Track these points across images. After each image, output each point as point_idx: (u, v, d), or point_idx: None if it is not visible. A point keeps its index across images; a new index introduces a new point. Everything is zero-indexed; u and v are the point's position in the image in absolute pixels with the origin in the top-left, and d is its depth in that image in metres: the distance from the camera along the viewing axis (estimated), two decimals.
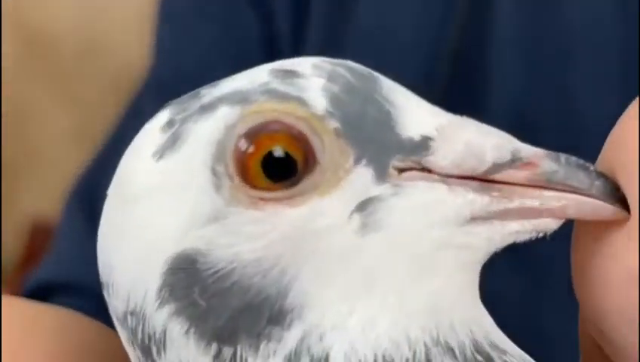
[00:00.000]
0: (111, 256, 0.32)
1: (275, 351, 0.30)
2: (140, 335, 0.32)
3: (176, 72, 0.65)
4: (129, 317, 0.32)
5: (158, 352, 0.32)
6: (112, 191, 0.33)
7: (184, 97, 0.33)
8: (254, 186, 0.31)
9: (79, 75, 1.90)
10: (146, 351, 0.32)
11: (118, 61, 1.84)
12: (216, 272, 0.31)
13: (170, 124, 0.32)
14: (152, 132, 0.32)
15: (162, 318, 0.31)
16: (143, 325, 0.32)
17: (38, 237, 1.57)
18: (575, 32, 0.60)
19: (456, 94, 0.57)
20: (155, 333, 0.31)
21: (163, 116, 0.33)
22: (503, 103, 0.59)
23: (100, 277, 0.33)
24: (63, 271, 0.60)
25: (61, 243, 0.62)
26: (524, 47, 0.61)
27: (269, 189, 0.31)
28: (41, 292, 0.59)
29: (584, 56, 0.60)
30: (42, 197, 1.79)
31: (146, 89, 0.67)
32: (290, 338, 0.30)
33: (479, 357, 0.31)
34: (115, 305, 0.33)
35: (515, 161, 0.31)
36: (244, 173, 0.31)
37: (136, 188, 0.32)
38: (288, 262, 0.31)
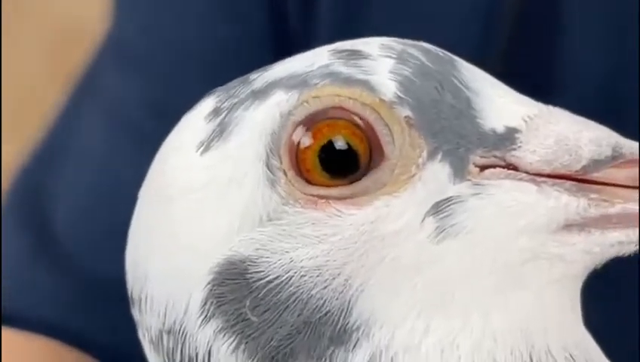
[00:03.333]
0: (145, 265, 0.29)
1: None
2: (178, 357, 0.28)
3: (159, 45, 0.56)
4: (165, 336, 0.28)
5: None
6: (146, 192, 0.30)
7: (230, 84, 0.29)
8: (310, 182, 0.27)
9: (4, 40, 1.55)
10: None
11: (55, 20, 1.55)
12: (269, 282, 0.27)
13: (215, 112, 0.28)
14: (194, 122, 0.29)
15: (207, 335, 0.28)
16: (183, 344, 0.28)
17: None
18: None
19: (517, 66, 0.48)
20: (197, 354, 0.28)
21: (207, 104, 0.29)
22: (576, 75, 0.51)
23: (129, 292, 0.30)
24: (11, 301, 0.51)
25: (5, 265, 0.53)
26: (603, 4, 0.53)
27: (326, 185, 0.27)
28: None
29: None
30: None
31: (108, 55, 0.58)
32: (357, 360, 0.27)
33: None
34: (148, 322, 0.29)
35: (616, 158, 0.27)
36: (299, 166, 0.27)
37: (177, 187, 0.28)
38: (352, 272, 0.27)
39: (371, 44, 0.28)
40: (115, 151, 0.53)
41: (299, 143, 0.27)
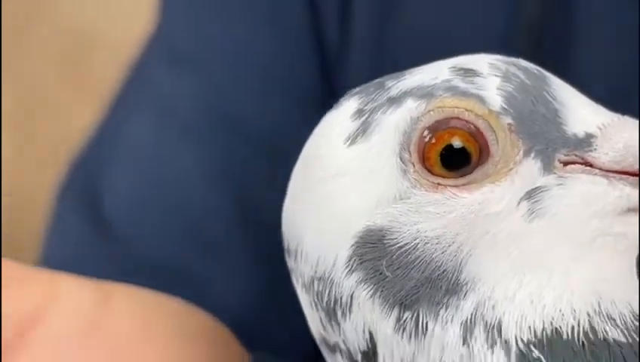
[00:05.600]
0: (300, 226, 0.36)
1: (452, 318, 0.34)
2: (325, 299, 0.36)
3: (207, 50, 0.61)
4: (316, 282, 0.36)
5: (343, 314, 0.36)
6: (300, 172, 0.37)
7: (368, 87, 0.37)
8: (432, 173, 0.35)
9: (18, 45, 1.54)
10: (330, 313, 0.36)
11: (67, 28, 1.52)
12: (401, 247, 0.35)
13: (359, 112, 0.36)
14: (341, 119, 0.36)
15: (350, 284, 0.35)
16: (330, 289, 0.36)
17: None
18: None
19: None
20: (341, 297, 0.36)
21: (350, 105, 0.36)
22: (592, 84, 0.55)
23: (286, 245, 0.38)
24: None
25: (61, 250, 0.56)
26: (616, 14, 0.58)
27: (445, 177, 0.35)
28: None
29: None
30: None
31: (157, 55, 0.62)
32: (466, 307, 0.34)
33: (634, 320, 0.35)
34: (302, 270, 0.37)
35: None
36: (424, 161, 0.35)
37: (328, 171, 0.36)
38: (463, 241, 0.35)
39: (482, 63, 0.36)
40: (164, 143, 0.58)
41: (425, 144, 0.35)
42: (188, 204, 0.57)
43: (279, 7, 0.61)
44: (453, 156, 0.35)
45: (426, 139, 0.35)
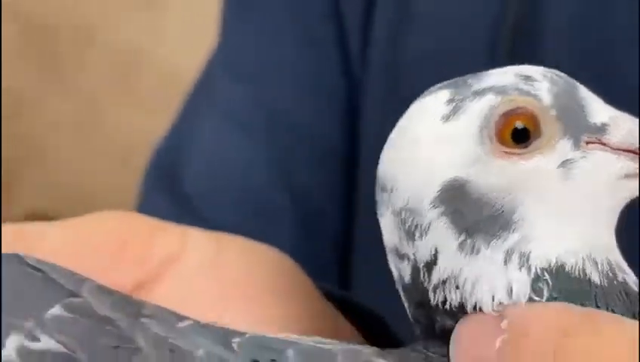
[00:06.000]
0: (397, 173, 0.49)
1: (499, 246, 0.47)
2: (408, 223, 0.48)
3: (260, 63, 0.75)
4: (404, 211, 0.48)
5: (420, 236, 0.48)
6: (398, 139, 0.49)
7: (455, 83, 0.49)
8: (503, 144, 0.48)
9: (76, 62, 1.72)
10: (409, 234, 0.48)
11: (118, 48, 1.70)
12: (474, 194, 0.47)
13: (451, 100, 0.49)
14: (437, 104, 0.49)
15: (432, 216, 0.47)
16: (414, 217, 0.48)
17: None
18: (622, 24, 0.67)
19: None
20: (422, 224, 0.47)
21: (443, 94, 0.49)
22: None
23: (381, 181, 0.49)
24: None
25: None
26: (573, 37, 0.69)
27: (512, 147, 0.48)
28: None
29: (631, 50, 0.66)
30: (41, 189, 1.67)
31: (219, 68, 0.76)
32: (511, 239, 0.44)
33: (609, 271, 0.44)
34: (394, 202, 0.48)
35: None
36: (499, 137, 0.48)
37: (426, 138, 0.48)
38: (517, 193, 0.48)
39: (536, 72, 0.49)
40: (227, 136, 0.73)
41: (501, 125, 0.47)
42: (247, 184, 0.72)
43: (311, 29, 0.75)
44: (519, 133, 0.47)
45: (501, 122, 0.47)
